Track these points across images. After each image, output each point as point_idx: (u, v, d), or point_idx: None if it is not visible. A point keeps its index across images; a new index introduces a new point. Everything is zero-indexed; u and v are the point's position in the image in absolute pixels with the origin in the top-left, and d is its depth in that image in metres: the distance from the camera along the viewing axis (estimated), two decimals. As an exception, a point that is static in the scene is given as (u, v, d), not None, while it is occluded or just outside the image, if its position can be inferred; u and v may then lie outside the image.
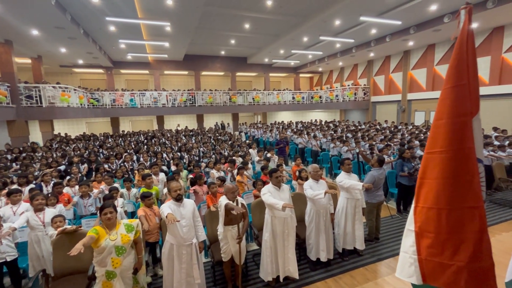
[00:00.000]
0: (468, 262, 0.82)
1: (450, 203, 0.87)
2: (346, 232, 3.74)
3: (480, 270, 0.83)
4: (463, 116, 0.83)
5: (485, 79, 11.32)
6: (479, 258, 0.83)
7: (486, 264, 0.85)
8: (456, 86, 0.88)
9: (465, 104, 0.85)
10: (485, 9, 8.75)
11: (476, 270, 0.82)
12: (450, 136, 0.85)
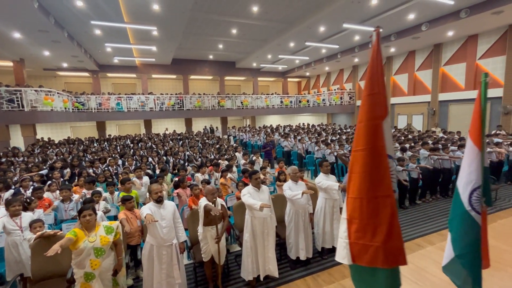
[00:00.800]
0: (383, 242, 0.97)
1: (368, 193, 1.01)
2: (325, 231, 3.88)
3: (393, 248, 0.98)
4: (376, 119, 0.98)
5: (461, 85, 11.91)
6: (391, 238, 0.98)
7: (397, 243, 1.00)
8: (371, 95, 1.03)
9: (377, 109, 1.00)
10: (458, 19, 9.27)
11: (389, 248, 0.97)
12: (366, 136, 1.00)
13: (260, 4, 9.19)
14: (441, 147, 6.53)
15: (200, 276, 3.57)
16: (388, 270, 1.04)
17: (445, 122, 12.68)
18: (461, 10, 9.13)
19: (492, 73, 10.77)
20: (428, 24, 10.32)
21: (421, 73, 13.68)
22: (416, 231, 4.70)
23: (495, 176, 7.36)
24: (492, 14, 8.73)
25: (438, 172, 6.31)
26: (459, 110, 12.16)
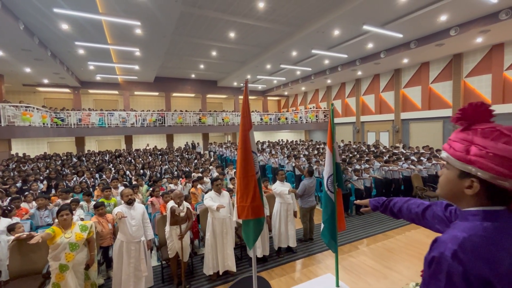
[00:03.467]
0: (250, 202, 1.57)
1: (243, 174, 1.62)
2: (281, 232, 4.42)
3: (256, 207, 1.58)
4: (246, 131, 1.61)
5: (418, 105, 13.29)
6: (254, 201, 1.58)
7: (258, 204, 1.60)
8: (244, 117, 1.66)
9: (247, 124, 1.63)
10: (409, 49, 10.65)
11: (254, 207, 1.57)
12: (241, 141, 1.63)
13: (236, 31, 10.13)
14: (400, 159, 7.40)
15: (166, 274, 3.96)
16: (255, 219, 1.64)
17: (407, 138, 13.92)
18: (410, 41, 10.53)
19: (442, 95, 12.21)
20: (386, 52, 11.69)
21: (385, 94, 15.08)
22: (366, 232, 5.34)
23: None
24: (436, 46, 10.15)
25: (390, 181, 7.12)
26: (418, 128, 13.45)
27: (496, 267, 0.63)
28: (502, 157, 0.68)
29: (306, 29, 9.67)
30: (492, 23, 8.19)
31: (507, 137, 0.69)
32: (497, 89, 10.29)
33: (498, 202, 0.72)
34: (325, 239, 1.97)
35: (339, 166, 1.96)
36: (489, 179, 0.70)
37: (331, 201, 1.87)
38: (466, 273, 0.63)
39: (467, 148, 0.74)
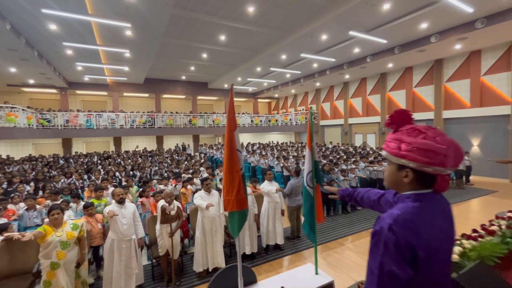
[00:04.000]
0: (235, 196, 1.72)
1: (229, 170, 1.78)
2: (269, 230, 4.58)
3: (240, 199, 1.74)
4: (231, 131, 1.77)
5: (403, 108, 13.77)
6: (239, 194, 1.74)
7: (242, 197, 1.76)
8: (230, 119, 1.82)
9: (232, 125, 1.79)
10: (393, 54, 11.09)
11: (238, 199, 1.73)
12: (227, 140, 1.78)
13: (226, 34, 10.28)
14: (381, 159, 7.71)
15: (157, 272, 4.04)
16: (239, 211, 1.80)
17: (392, 140, 14.37)
18: (394, 47, 10.97)
19: (425, 99, 12.73)
20: (372, 56, 12.12)
21: (372, 97, 15.56)
22: (351, 230, 5.57)
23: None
24: (418, 51, 10.62)
25: (374, 181, 7.41)
26: (403, 130, 13.92)
27: (419, 236, 0.81)
28: (422, 149, 0.87)
29: (295, 33, 9.94)
30: (469, 31, 8.68)
31: (423, 133, 0.88)
32: (475, 93, 10.85)
33: (426, 185, 0.91)
34: (305, 230, 2.15)
35: (317, 163, 2.15)
36: (418, 168, 0.89)
37: (310, 195, 2.06)
38: (398, 241, 0.80)
39: (398, 146, 0.92)
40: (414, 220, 0.83)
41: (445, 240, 0.87)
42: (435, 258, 0.82)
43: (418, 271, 0.81)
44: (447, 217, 0.92)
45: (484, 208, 6.96)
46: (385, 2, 7.45)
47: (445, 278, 0.89)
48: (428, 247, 0.80)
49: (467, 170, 9.21)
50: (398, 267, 0.79)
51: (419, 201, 0.89)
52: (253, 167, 11.05)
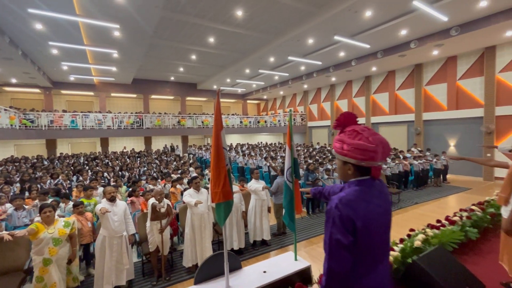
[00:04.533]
0: (221, 188, 1.93)
1: (216, 165, 1.98)
2: (256, 227, 4.78)
3: (225, 191, 1.94)
4: (218, 131, 1.97)
5: (386, 110, 14.36)
6: (225, 186, 1.94)
7: (228, 189, 1.96)
8: (217, 120, 2.02)
9: (219, 126, 1.99)
10: (376, 58, 11.58)
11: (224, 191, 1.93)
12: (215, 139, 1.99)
13: (215, 36, 10.43)
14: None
15: (147, 269, 4.16)
16: (225, 202, 2.00)
17: (376, 141, 14.93)
18: (377, 52, 11.46)
19: (407, 101, 13.32)
20: (356, 60, 12.58)
21: (357, 99, 16.09)
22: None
23: (404, 183, 9.16)
24: (399, 56, 11.14)
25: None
26: (386, 131, 14.51)
27: (357, 211, 1.05)
28: (358, 149, 1.10)
29: (282, 37, 10.21)
30: (445, 38, 9.23)
31: (360, 135, 1.12)
32: (451, 97, 11.48)
33: (365, 174, 1.14)
34: (286, 220, 2.37)
35: (296, 160, 2.37)
36: (356, 163, 1.12)
37: (290, 189, 2.28)
38: (341, 216, 1.04)
39: (342, 146, 1.16)
40: (354, 200, 1.07)
41: (380, 213, 1.11)
42: (371, 227, 1.06)
43: (357, 237, 1.04)
44: (384, 196, 1.16)
45: (458, 203, 7.43)
46: (367, 9, 7.84)
47: (383, 242, 1.14)
48: (364, 219, 1.04)
49: (444, 169, 9.75)
50: (342, 236, 1.03)
51: (360, 185, 1.13)
52: (241, 168, 11.24)
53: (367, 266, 1.07)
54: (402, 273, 2.29)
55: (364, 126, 1.18)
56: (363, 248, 1.05)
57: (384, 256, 1.14)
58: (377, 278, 1.08)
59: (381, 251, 1.12)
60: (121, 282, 3.45)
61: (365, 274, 1.07)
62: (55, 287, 3.01)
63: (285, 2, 7.75)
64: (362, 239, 1.05)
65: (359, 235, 1.05)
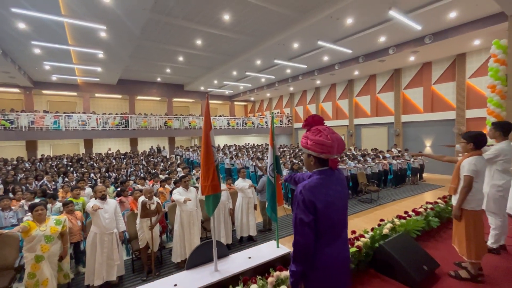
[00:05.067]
0: (210, 182, 2.16)
1: (205, 162, 2.21)
2: (242, 223, 5.00)
3: (214, 185, 2.17)
4: (207, 131, 2.20)
5: (368, 112, 15.00)
6: (214, 180, 2.17)
7: (216, 183, 2.20)
8: (206, 121, 2.26)
9: (208, 127, 2.23)
10: (358, 63, 12.12)
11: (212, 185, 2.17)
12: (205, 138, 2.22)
13: (203, 39, 10.59)
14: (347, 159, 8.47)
15: (137, 266, 4.28)
16: (213, 194, 2.23)
17: (359, 141, 15.56)
18: (359, 57, 12.01)
19: (387, 104, 13.99)
20: (339, 64, 13.10)
21: (341, 102, 16.68)
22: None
23: (384, 182, 9.66)
24: (379, 61, 11.74)
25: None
26: (368, 132, 15.15)
27: (317, 195, 1.31)
28: (319, 144, 1.36)
29: (268, 41, 10.52)
30: (420, 45, 9.85)
31: (321, 133, 1.38)
32: (427, 100, 12.21)
33: (324, 165, 1.41)
34: (268, 212, 2.61)
35: (278, 158, 2.62)
36: (317, 155, 1.38)
37: (272, 183, 2.52)
38: (304, 199, 1.29)
39: (306, 141, 1.41)
40: (315, 186, 1.33)
41: (338, 197, 1.37)
42: (330, 208, 1.32)
43: (318, 216, 1.30)
44: (341, 183, 1.43)
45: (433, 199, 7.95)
46: (347, 17, 8.28)
47: (341, 221, 1.41)
48: (323, 202, 1.30)
49: (420, 168, 10.36)
50: (304, 215, 1.28)
51: (321, 174, 1.39)
52: (228, 169, 11.41)
53: (327, 239, 1.33)
54: (371, 256, 2.59)
55: (325, 126, 1.44)
56: (323, 225, 1.31)
57: (342, 232, 1.40)
58: (335, 249, 1.34)
59: (339, 227, 1.38)
60: (112, 278, 3.57)
61: (326, 245, 1.33)
62: (47, 283, 3.09)
63: (271, 7, 8.05)
64: (322, 217, 1.30)
65: (319, 214, 1.30)
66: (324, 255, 1.33)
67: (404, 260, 2.34)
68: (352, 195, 8.31)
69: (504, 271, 2.51)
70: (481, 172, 2.36)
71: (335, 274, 1.35)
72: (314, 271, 1.33)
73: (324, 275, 1.32)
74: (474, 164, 2.33)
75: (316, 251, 1.33)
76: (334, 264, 1.34)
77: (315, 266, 1.33)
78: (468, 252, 2.33)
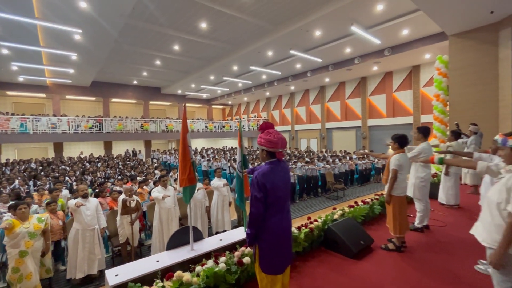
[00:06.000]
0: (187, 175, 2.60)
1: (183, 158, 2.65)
2: (218, 219, 5.40)
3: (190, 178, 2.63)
4: (185, 133, 2.65)
5: (338, 117, 16.06)
6: (190, 174, 2.62)
7: (192, 176, 2.65)
8: (183, 125, 2.70)
9: (185, 130, 2.67)
10: (328, 71, 13.05)
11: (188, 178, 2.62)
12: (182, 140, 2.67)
13: (180, 44, 10.87)
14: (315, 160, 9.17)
15: (117, 260, 4.50)
16: (190, 186, 2.67)
17: (330, 144, 16.57)
18: (328, 65, 12.95)
19: (355, 109, 15.12)
20: (311, 72, 13.99)
21: (314, 107, 17.65)
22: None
23: (351, 181, 10.50)
24: (346, 70, 12.76)
25: (309, 178, 8.81)
26: (338, 135, 16.20)
27: (267, 179, 1.80)
28: (268, 141, 1.86)
29: (244, 48, 11.06)
30: (381, 57, 10.94)
31: (270, 134, 1.88)
32: (389, 106, 13.44)
33: (273, 157, 1.91)
34: (238, 202, 3.06)
35: (245, 156, 3.09)
36: (267, 150, 1.88)
37: (240, 177, 2.99)
38: (258, 182, 1.78)
39: (260, 140, 1.91)
40: (266, 172, 1.82)
41: (282, 180, 1.87)
42: (275, 188, 1.81)
43: (267, 194, 1.78)
44: (285, 170, 1.93)
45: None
46: (316, 29, 9.05)
47: (283, 198, 1.89)
48: (271, 184, 1.79)
49: (383, 168, 11.39)
50: (257, 193, 1.76)
51: (271, 164, 1.89)
52: (205, 171, 11.70)
53: (274, 210, 1.82)
54: (322, 237, 3.14)
55: (273, 130, 1.94)
56: (271, 200, 1.80)
57: (284, 205, 1.90)
58: (279, 217, 1.84)
59: (282, 202, 1.88)
60: (93, 271, 3.80)
61: (273, 214, 1.82)
62: (31, 276, 3.28)
63: (246, 18, 8.59)
64: (270, 195, 1.79)
65: (268, 193, 1.78)
66: (271, 222, 1.81)
67: (346, 237, 2.91)
68: (320, 193, 9.02)
69: (424, 244, 3.19)
70: (404, 166, 3.01)
71: (279, 236, 1.83)
72: (264, 233, 1.81)
73: (271, 236, 1.80)
74: (398, 159, 2.98)
75: (265, 218, 1.81)
76: (278, 228, 1.83)
77: (265, 229, 1.81)
78: (394, 229, 2.96)
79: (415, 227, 3.54)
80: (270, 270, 1.84)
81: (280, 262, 1.85)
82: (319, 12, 7.88)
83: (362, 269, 2.65)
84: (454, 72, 7.66)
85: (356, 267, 2.69)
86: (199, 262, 2.33)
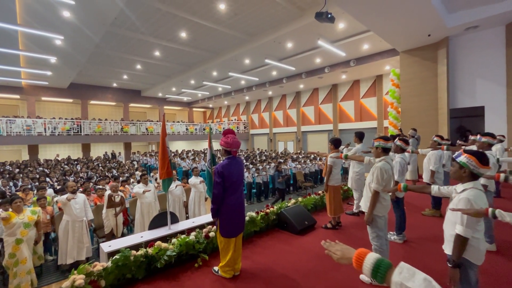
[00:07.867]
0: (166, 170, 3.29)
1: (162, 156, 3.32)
2: (195, 214, 6.03)
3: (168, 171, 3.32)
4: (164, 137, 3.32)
5: (312, 121, 17.16)
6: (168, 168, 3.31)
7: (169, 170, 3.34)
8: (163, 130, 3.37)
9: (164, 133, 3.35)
10: (301, 78, 14.06)
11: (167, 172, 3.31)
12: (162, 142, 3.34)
13: (161, 51, 11.36)
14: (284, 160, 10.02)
15: (101, 251, 5.01)
16: (167, 178, 3.34)
17: (306, 146, 17.62)
18: (302, 73, 13.97)
19: (327, 114, 16.27)
20: (287, 78, 14.95)
21: (290, 111, 18.66)
22: (258, 212, 7.46)
23: (320, 179, 11.47)
24: (318, 78, 13.84)
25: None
26: (313, 138, 17.29)
27: (225, 169, 2.53)
28: (226, 142, 2.60)
29: (222, 56, 11.76)
30: (347, 67, 12.09)
31: (228, 137, 2.62)
32: (357, 111, 14.68)
33: (230, 154, 2.65)
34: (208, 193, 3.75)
35: (214, 155, 3.79)
36: (225, 148, 2.62)
37: (209, 173, 3.68)
38: (218, 171, 2.50)
39: (221, 141, 2.64)
40: (224, 165, 2.54)
41: (236, 170, 2.59)
42: (231, 175, 2.53)
43: (225, 180, 2.50)
44: (240, 164, 2.66)
45: (353, 192, 9.92)
46: (288, 42, 9.96)
47: (237, 183, 2.61)
48: (228, 172, 2.51)
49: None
50: (218, 179, 2.48)
51: (228, 159, 2.61)
52: (186, 171, 12.21)
53: (229, 193, 2.53)
54: (277, 220, 3.92)
55: (231, 134, 2.65)
56: (228, 184, 2.51)
57: (238, 188, 2.61)
58: (234, 196, 2.56)
59: (236, 185, 2.59)
60: (82, 258, 4.31)
61: (230, 194, 2.53)
62: (26, 261, 3.76)
63: (222, 29, 9.31)
64: (227, 180, 2.50)
65: (225, 179, 2.49)
66: (228, 199, 2.53)
67: (293, 219, 3.70)
68: (291, 190, 9.87)
69: (355, 224, 4.07)
70: (337, 162, 3.87)
71: (234, 210, 2.55)
72: (223, 207, 2.52)
73: (228, 210, 2.53)
74: (332, 157, 3.83)
75: (224, 197, 2.52)
76: (233, 204, 2.55)
77: (224, 205, 2.52)
78: (330, 211, 3.79)
79: (353, 212, 4.43)
80: (227, 235, 2.57)
81: (234, 229, 2.58)
82: (289, 27, 8.78)
83: (303, 241, 3.45)
84: (404, 84, 8.86)
85: (298, 240, 3.48)
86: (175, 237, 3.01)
